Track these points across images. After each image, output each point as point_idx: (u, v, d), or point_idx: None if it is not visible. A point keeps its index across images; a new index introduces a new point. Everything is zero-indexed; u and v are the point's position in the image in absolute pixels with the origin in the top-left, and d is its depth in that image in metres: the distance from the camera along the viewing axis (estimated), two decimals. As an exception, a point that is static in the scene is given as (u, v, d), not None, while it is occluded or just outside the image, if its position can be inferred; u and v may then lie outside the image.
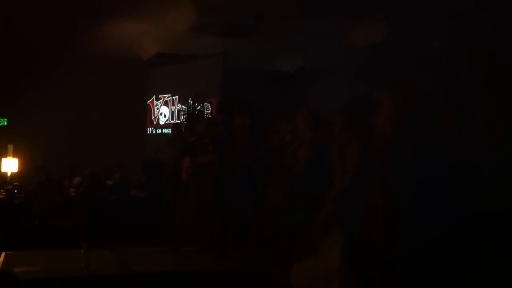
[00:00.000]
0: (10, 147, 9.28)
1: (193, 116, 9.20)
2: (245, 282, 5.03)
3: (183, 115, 9.98)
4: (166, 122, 10.90)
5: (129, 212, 7.82)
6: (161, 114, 11.06)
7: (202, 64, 10.14)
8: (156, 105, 11.18)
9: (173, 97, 10.81)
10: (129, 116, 10.77)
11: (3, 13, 7.74)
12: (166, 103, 10.98)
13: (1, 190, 8.52)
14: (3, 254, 5.47)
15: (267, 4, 7.19)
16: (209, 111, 9.53)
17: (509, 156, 3.05)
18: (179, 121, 10.13)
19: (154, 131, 11.18)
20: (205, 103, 9.55)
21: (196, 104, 9.56)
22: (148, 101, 11.33)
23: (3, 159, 9.35)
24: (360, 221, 3.76)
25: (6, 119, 10.44)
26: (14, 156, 9.33)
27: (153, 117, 11.24)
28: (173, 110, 10.80)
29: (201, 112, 9.49)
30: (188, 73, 10.38)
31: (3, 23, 8.15)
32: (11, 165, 9.30)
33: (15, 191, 8.36)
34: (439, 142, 3.29)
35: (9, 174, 9.26)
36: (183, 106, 10.16)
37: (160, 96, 11.11)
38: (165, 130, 10.83)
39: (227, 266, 5.39)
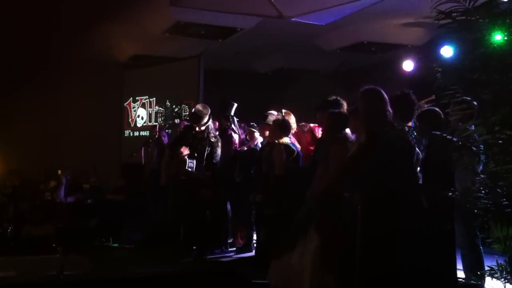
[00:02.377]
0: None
1: (170, 118, 9.14)
2: (230, 285, 5.01)
3: (161, 117, 9.89)
4: (144, 124, 10.81)
5: (106, 215, 7.73)
6: (138, 116, 10.96)
7: (180, 66, 10.09)
8: (134, 107, 11.08)
9: (151, 99, 10.73)
10: (106, 118, 10.65)
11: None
12: (143, 105, 10.89)
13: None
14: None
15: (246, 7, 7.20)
16: (187, 113, 9.48)
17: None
18: (156, 123, 10.05)
19: (131, 134, 11.08)
20: (183, 105, 9.50)
21: (174, 106, 9.50)
22: (125, 103, 11.22)
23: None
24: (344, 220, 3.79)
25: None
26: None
27: (130, 120, 11.14)
28: (150, 112, 10.72)
29: (179, 114, 9.43)
30: (165, 75, 10.32)
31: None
32: (-18, 168, 9.13)
33: (-12, 195, 8.19)
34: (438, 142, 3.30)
35: (-20, 178, 9.07)
36: (160, 108, 10.09)
37: (137, 98, 11.01)
38: (142, 133, 10.74)
39: (211, 269, 5.37)
